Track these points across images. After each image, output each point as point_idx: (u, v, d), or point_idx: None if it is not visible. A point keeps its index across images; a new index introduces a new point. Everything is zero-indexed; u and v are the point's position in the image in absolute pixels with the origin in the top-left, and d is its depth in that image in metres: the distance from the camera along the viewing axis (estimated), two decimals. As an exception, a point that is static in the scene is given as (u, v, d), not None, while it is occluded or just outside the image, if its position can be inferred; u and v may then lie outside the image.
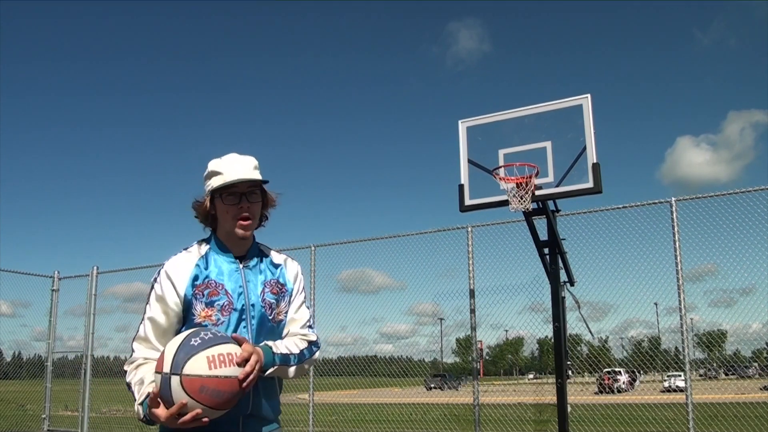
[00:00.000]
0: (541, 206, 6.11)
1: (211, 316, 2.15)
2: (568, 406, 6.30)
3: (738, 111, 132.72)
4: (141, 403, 2.01)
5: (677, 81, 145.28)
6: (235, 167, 2.21)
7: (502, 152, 6.28)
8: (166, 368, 1.89)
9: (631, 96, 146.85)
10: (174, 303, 2.16)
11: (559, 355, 6.18)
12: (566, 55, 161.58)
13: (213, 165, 2.24)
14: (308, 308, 2.40)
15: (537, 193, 5.98)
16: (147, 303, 2.21)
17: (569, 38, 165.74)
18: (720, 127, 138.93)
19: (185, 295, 2.16)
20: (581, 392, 15.23)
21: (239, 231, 2.21)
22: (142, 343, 2.16)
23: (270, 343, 2.17)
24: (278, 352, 2.15)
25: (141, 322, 2.20)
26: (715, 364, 12.73)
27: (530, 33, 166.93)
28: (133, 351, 2.16)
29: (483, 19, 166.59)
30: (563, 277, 6.39)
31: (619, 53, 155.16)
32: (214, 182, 2.21)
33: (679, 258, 7.46)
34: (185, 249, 2.28)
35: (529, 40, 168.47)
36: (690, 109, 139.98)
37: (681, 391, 8.44)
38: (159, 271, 2.23)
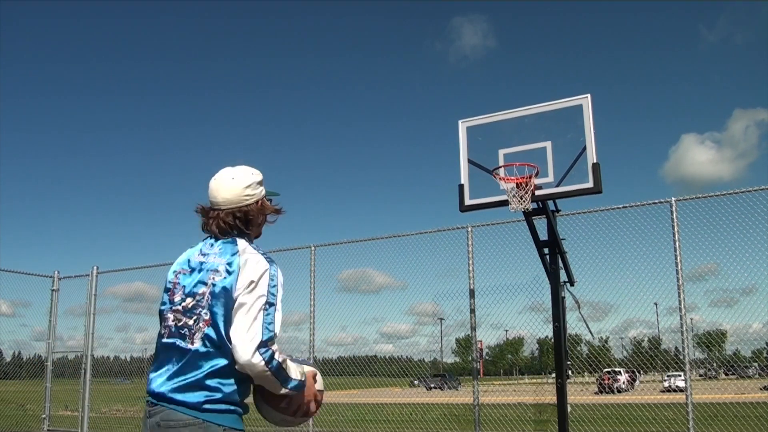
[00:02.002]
0: (541, 206, 6.11)
1: None
2: (568, 406, 6.30)
3: (744, 109, 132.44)
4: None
5: (683, 78, 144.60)
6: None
7: (502, 152, 6.28)
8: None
9: (634, 94, 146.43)
10: None
11: (559, 355, 6.18)
12: (568, 51, 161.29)
13: (261, 174, 2.43)
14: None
15: (537, 193, 5.98)
16: (277, 295, 2.18)
17: (572, 35, 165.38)
18: (725, 125, 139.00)
19: None
20: (581, 392, 15.21)
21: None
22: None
23: None
24: None
25: (276, 312, 2.17)
26: (715, 364, 12.71)
27: (534, 29, 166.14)
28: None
29: (489, 14, 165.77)
30: (563, 277, 6.39)
31: (624, 51, 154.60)
32: (267, 189, 2.45)
33: (679, 258, 7.46)
34: (263, 253, 2.25)
35: (533, 36, 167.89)
36: (695, 106, 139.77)
37: (681, 391, 8.43)
38: (273, 265, 2.22)
